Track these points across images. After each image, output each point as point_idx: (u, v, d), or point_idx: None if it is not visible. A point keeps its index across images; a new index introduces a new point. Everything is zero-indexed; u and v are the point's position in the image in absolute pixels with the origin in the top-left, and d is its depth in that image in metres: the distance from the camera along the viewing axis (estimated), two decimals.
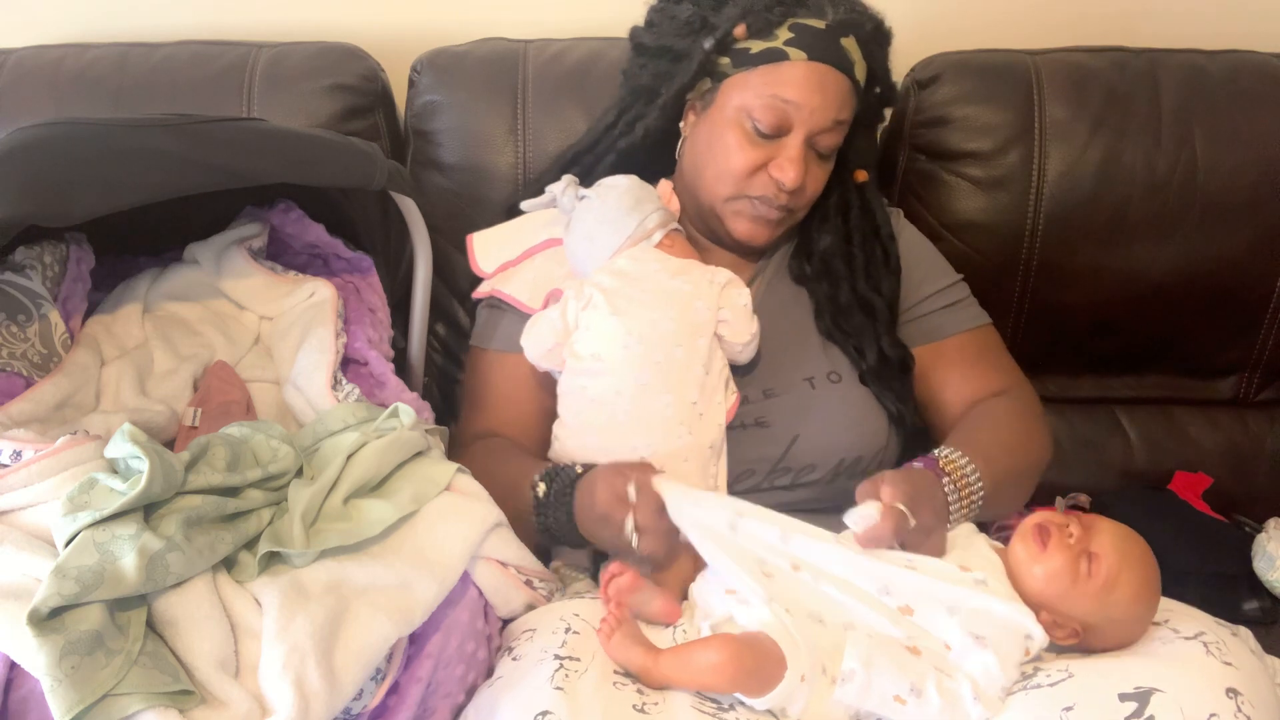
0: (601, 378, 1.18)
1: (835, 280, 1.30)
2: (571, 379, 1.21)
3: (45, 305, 1.17)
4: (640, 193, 1.26)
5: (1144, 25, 1.65)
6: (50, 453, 0.94)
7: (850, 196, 1.34)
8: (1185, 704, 0.85)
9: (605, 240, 1.24)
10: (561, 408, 1.23)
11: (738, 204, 1.26)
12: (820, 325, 1.29)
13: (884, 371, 1.26)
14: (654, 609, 1.03)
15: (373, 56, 1.58)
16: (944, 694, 0.92)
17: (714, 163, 1.25)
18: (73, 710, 0.79)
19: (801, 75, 1.20)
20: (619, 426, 1.17)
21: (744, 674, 0.93)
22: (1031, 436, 1.26)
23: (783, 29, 1.21)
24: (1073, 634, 0.98)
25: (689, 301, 1.19)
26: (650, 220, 1.24)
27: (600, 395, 1.18)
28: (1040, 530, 1.00)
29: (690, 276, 1.22)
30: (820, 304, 1.30)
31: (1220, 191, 1.50)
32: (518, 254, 1.34)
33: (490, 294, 1.34)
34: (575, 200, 1.27)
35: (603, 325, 1.19)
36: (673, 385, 1.16)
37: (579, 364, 1.20)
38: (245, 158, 1.12)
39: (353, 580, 0.94)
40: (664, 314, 1.18)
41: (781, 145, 1.22)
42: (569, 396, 1.22)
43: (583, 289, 1.22)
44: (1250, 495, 1.58)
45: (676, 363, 1.17)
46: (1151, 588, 0.99)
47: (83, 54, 1.54)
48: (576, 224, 1.26)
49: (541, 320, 1.24)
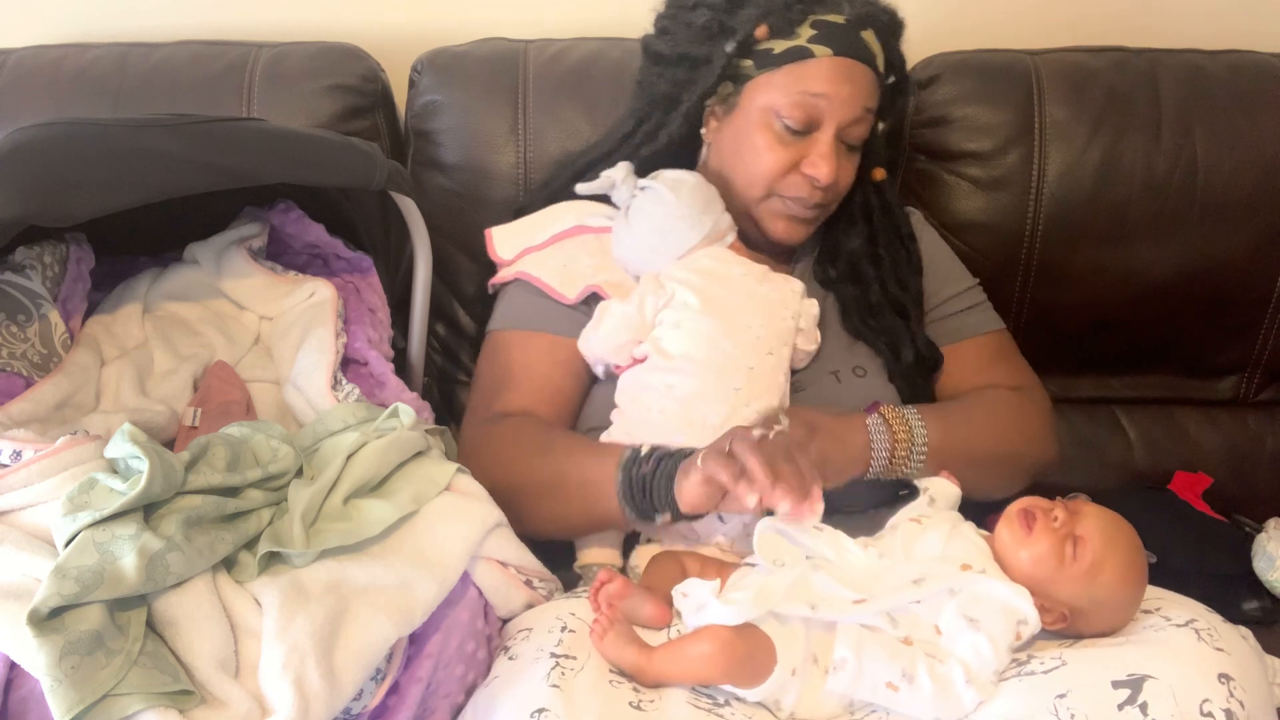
0: (692, 379, 1.16)
1: (864, 281, 1.31)
2: (656, 376, 1.18)
3: (45, 305, 1.17)
4: (710, 192, 1.26)
5: (1144, 25, 1.65)
6: (50, 453, 0.94)
7: (871, 197, 1.35)
8: (1178, 690, 0.86)
9: (681, 236, 1.23)
10: (628, 401, 1.19)
11: (771, 203, 1.27)
12: (848, 325, 1.30)
13: (915, 370, 1.28)
14: (645, 613, 1.03)
15: (373, 56, 1.58)
16: (936, 679, 0.92)
17: (743, 165, 1.26)
18: (73, 710, 0.79)
19: (828, 70, 1.21)
20: (710, 429, 1.13)
21: (736, 664, 0.93)
22: (1026, 429, 1.27)
23: (804, 27, 1.21)
24: (1060, 618, 0.98)
25: (778, 309, 1.20)
26: (723, 221, 1.24)
27: (688, 396, 1.16)
28: (1025, 514, 1.01)
29: (774, 284, 1.22)
30: (848, 304, 1.31)
31: (1220, 191, 1.50)
32: (543, 240, 1.32)
33: (516, 276, 1.31)
34: (635, 190, 1.25)
35: (695, 325, 1.18)
36: (761, 392, 1.16)
37: (667, 363, 1.18)
38: (245, 158, 1.12)
39: (353, 580, 0.94)
40: (756, 319, 1.18)
41: (812, 142, 1.23)
42: (648, 393, 1.18)
43: (663, 285, 1.21)
44: (1250, 495, 1.58)
45: (768, 369, 1.17)
46: (1138, 571, 0.99)
47: (83, 54, 1.54)
48: (643, 217, 1.24)
49: (614, 313, 1.22)
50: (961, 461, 1.16)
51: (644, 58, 1.35)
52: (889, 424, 1.16)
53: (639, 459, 1.07)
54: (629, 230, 1.26)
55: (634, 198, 1.26)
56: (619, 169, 1.27)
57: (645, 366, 1.20)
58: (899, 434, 1.15)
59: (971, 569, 0.99)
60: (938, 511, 1.09)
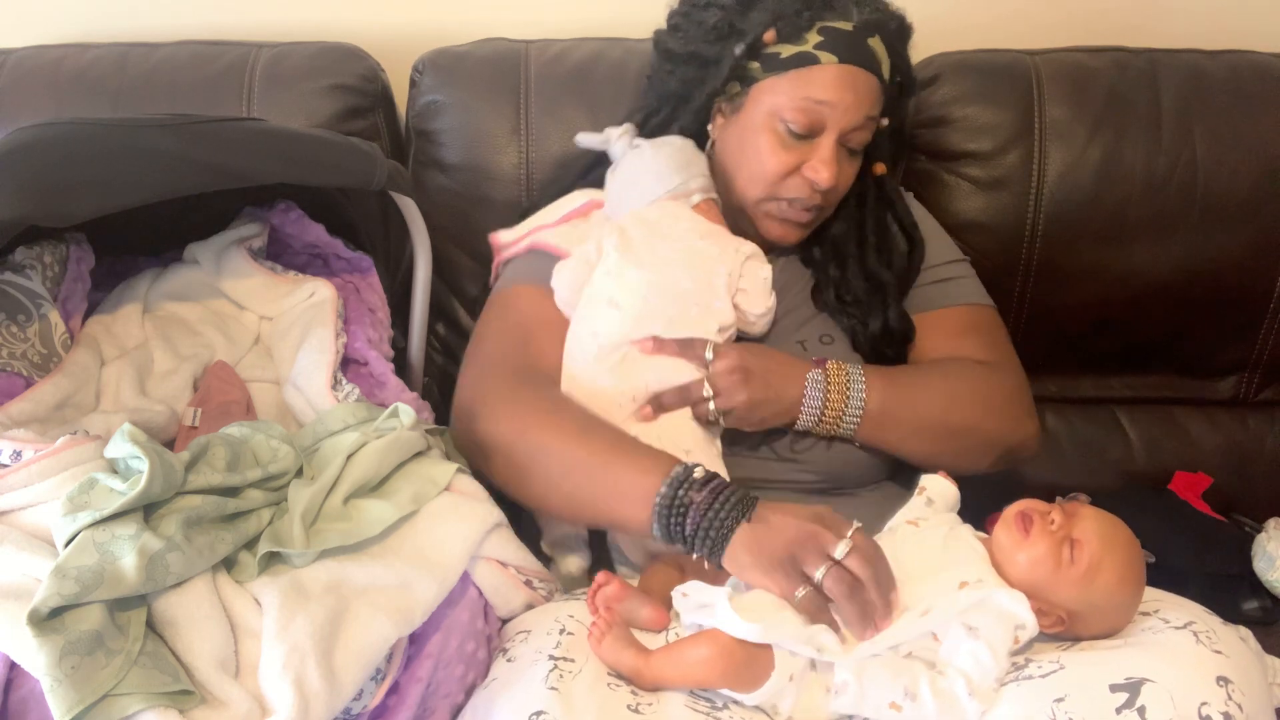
0: (613, 324, 1.18)
1: (843, 261, 1.32)
2: (584, 323, 1.21)
3: (45, 305, 1.17)
4: (692, 155, 1.27)
5: (1144, 25, 1.65)
6: (50, 453, 0.94)
7: (869, 188, 1.35)
8: (1176, 693, 0.86)
9: (646, 187, 1.25)
10: (568, 350, 1.21)
11: (769, 205, 1.27)
12: (817, 299, 1.31)
13: (882, 341, 1.28)
14: (642, 617, 1.03)
15: (373, 56, 1.58)
16: (939, 695, 0.92)
17: (746, 165, 1.26)
18: (73, 710, 0.79)
19: (832, 77, 1.21)
20: (632, 371, 1.16)
21: (734, 669, 0.93)
22: (987, 402, 1.24)
23: (812, 33, 1.22)
24: (1058, 621, 0.98)
25: (713, 265, 1.20)
26: (694, 182, 1.25)
27: (611, 340, 1.18)
28: (1023, 517, 1.00)
29: (717, 240, 1.23)
30: (822, 281, 1.32)
31: (1220, 191, 1.50)
32: (555, 219, 1.33)
33: (530, 245, 1.32)
34: (628, 147, 1.28)
35: (622, 272, 1.19)
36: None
37: (594, 309, 1.20)
38: (245, 158, 1.12)
39: (353, 580, 0.94)
40: (686, 273, 1.19)
41: (814, 146, 1.23)
42: (580, 340, 1.21)
43: (613, 229, 1.23)
44: (1250, 495, 1.58)
45: (690, 320, 1.18)
46: (1135, 574, 0.99)
47: (83, 54, 1.54)
48: (623, 167, 1.28)
49: (574, 257, 1.24)
50: (906, 427, 1.19)
51: (656, 53, 1.36)
52: (829, 381, 1.18)
53: (691, 481, 1.02)
54: (612, 180, 1.30)
55: (624, 154, 1.29)
56: (619, 127, 1.30)
57: (577, 315, 1.22)
58: (833, 394, 1.18)
59: (969, 585, 0.98)
60: (935, 513, 1.09)
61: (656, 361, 1.17)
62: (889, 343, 1.28)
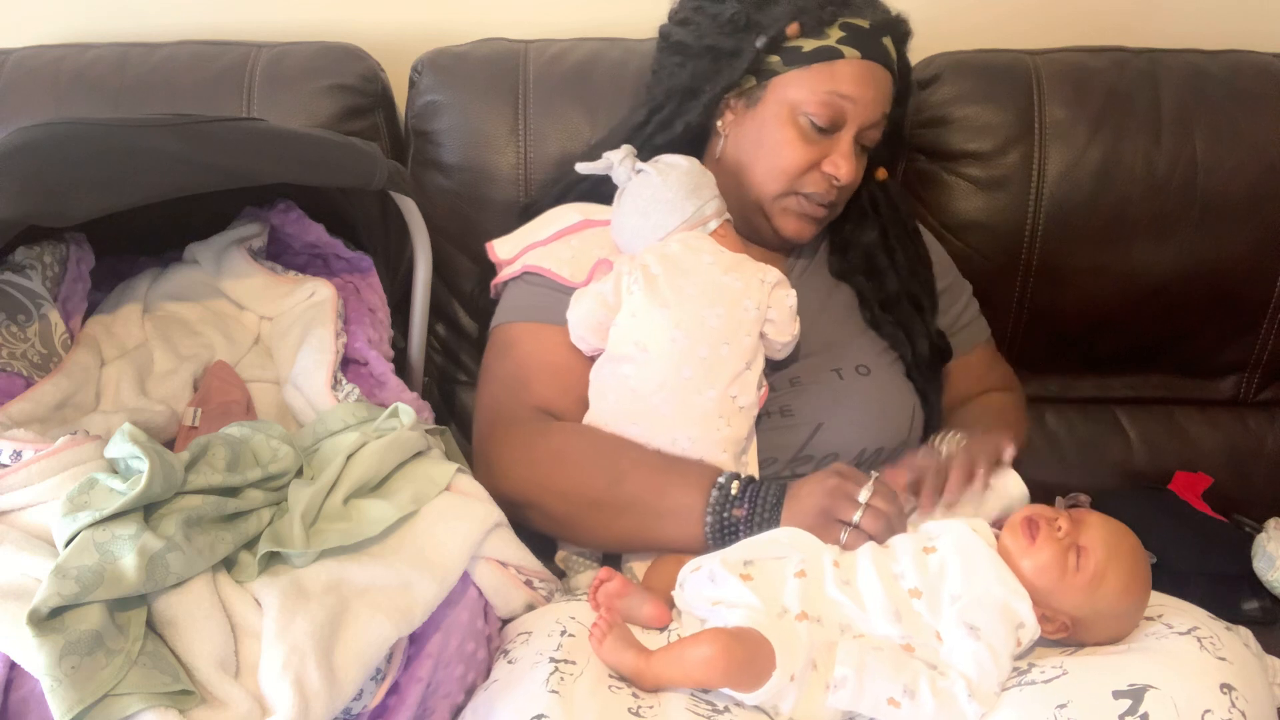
0: (645, 368, 1.17)
1: (879, 273, 1.34)
2: (612, 366, 1.19)
3: (45, 305, 1.17)
4: (701, 178, 1.26)
5: (1144, 25, 1.65)
6: (50, 453, 0.94)
7: (877, 193, 1.37)
8: (1179, 700, 0.86)
9: (660, 219, 1.23)
10: (596, 394, 1.21)
11: (787, 200, 1.27)
12: (865, 315, 1.33)
13: (930, 362, 1.31)
14: (644, 614, 1.03)
15: (373, 56, 1.58)
16: (938, 694, 0.91)
17: (765, 160, 1.26)
18: (73, 710, 0.79)
19: (856, 72, 1.23)
20: (662, 419, 1.15)
21: (735, 668, 0.93)
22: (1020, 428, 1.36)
23: (834, 28, 1.23)
24: (1062, 628, 0.98)
25: (739, 299, 1.19)
26: (708, 207, 1.24)
27: (641, 386, 1.16)
28: (1029, 523, 1.00)
29: (742, 273, 1.21)
30: (864, 295, 1.33)
31: (1220, 191, 1.50)
32: (547, 236, 1.32)
33: (524, 270, 1.30)
34: (631, 172, 1.26)
35: (648, 315, 1.18)
36: (715, 381, 1.16)
37: (620, 351, 1.18)
38: (245, 158, 1.12)
39: (353, 580, 0.94)
40: (713, 310, 1.18)
41: (835, 141, 1.24)
42: (607, 384, 1.19)
43: (635, 268, 1.21)
44: (1250, 495, 1.58)
45: (721, 359, 1.17)
46: (1141, 581, 0.99)
47: (83, 54, 1.54)
48: (631, 197, 1.25)
49: (590, 294, 1.23)
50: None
51: (662, 47, 1.35)
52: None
53: (730, 500, 1.09)
54: (619, 211, 1.27)
55: (629, 180, 1.26)
56: (619, 150, 1.27)
57: (604, 357, 1.21)
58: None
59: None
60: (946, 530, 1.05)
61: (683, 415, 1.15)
62: (935, 365, 1.32)
